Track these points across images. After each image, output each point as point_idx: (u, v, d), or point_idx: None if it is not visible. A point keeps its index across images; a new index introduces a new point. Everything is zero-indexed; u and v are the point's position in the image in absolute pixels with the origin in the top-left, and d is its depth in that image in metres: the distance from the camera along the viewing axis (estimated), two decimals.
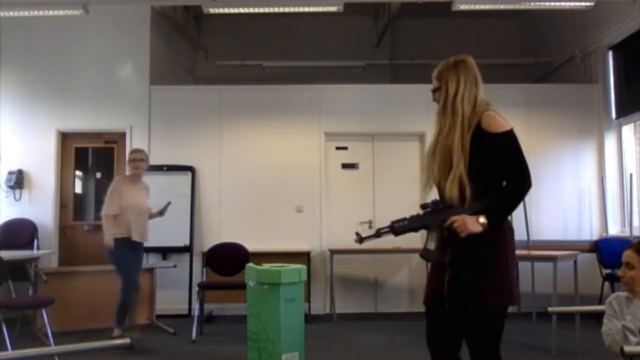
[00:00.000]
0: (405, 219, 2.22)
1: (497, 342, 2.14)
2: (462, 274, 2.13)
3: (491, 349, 2.13)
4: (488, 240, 2.12)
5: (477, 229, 2.08)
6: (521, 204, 4.84)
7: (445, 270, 2.17)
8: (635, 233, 5.91)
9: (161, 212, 5.08)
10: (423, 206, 2.23)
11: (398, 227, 2.20)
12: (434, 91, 2.30)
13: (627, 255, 2.33)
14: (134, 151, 5.15)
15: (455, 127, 2.18)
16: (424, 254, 2.22)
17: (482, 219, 2.08)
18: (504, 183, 2.18)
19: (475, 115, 2.18)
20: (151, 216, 5.08)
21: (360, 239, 2.28)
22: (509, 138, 2.16)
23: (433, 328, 2.26)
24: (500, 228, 2.16)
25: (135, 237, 4.86)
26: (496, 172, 2.16)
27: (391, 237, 2.28)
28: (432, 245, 2.20)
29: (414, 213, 2.26)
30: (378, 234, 2.24)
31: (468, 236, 2.08)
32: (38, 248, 6.27)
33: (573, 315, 4.92)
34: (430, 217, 2.20)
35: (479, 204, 2.11)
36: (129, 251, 4.86)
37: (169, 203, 5.07)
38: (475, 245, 2.11)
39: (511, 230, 2.22)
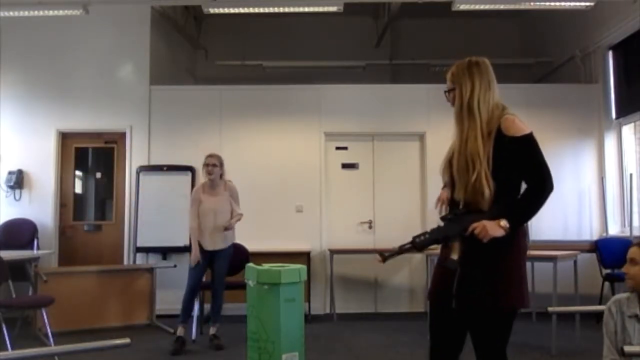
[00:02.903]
0: (426, 232, 2.19)
1: (504, 344, 2.13)
2: (474, 275, 2.11)
3: (498, 351, 2.12)
4: (502, 241, 2.09)
5: (499, 232, 2.05)
6: None
7: (455, 269, 2.15)
8: (635, 233, 5.92)
9: (226, 228, 4.86)
10: (443, 218, 2.21)
11: (420, 242, 2.16)
12: (448, 92, 2.28)
13: (632, 252, 2.34)
14: (207, 156, 4.96)
15: (475, 130, 2.14)
16: (450, 264, 2.17)
17: (503, 222, 2.06)
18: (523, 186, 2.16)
19: (493, 119, 2.15)
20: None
21: (384, 259, 2.21)
22: (529, 141, 2.12)
23: (437, 324, 2.25)
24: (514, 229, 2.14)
25: (207, 246, 4.83)
26: (517, 176, 2.14)
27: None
28: (455, 256, 2.16)
29: (435, 226, 2.23)
30: (400, 250, 2.20)
31: (490, 241, 2.06)
32: (38, 248, 6.27)
33: (573, 315, 4.92)
34: (451, 227, 2.17)
35: (498, 208, 2.09)
36: (202, 256, 4.80)
37: (230, 224, 4.85)
38: (489, 245, 2.08)
39: (524, 232, 2.21)
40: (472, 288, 2.11)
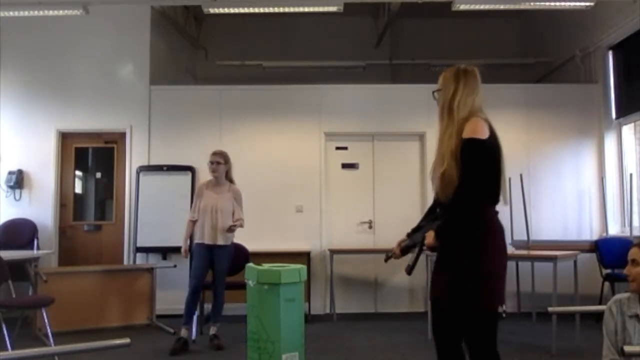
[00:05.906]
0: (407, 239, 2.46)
1: (493, 339, 2.23)
2: (456, 280, 2.21)
3: (488, 347, 2.22)
4: (475, 244, 2.18)
5: (433, 243, 2.21)
6: (521, 204, 4.81)
7: (445, 274, 2.28)
8: (635, 233, 5.91)
9: (228, 230, 4.87)
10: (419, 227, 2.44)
11: (402, 247, 2.45)
12: (435, 92, 2.41)
13: (633, 252, 2.34)
14: (211, 154, 5.06)
15: (451, 129, 2.23)
16: (407, 269, 2.38)
17: (432, 235, 2.22)
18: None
19: (466, 121, 2.22)
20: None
21: (386, 259, 2.55)
22: (471, 146, 2.15)
23: (436, 321, 2.40)
24: (487, 230, 2.21)
25: (205, 240, 4.84)
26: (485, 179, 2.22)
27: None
28: (410, 263, 2.37)
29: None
30: (395, 254, 2.48)
31: (462, 244, 2.18)
32: (38, 248, 6.27)
33: (573, 315, 4.93)
34: (416, 235, 2.38)
35: (441, 220, 2.24)
36: (202, 255, 4.86)
37: (233, 226, 4.84)
38: (463, 249, 2.18)
39: (499, 230, 2.26)
40: (456, 292, 2.21)
